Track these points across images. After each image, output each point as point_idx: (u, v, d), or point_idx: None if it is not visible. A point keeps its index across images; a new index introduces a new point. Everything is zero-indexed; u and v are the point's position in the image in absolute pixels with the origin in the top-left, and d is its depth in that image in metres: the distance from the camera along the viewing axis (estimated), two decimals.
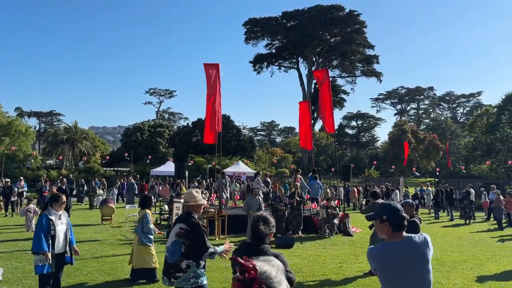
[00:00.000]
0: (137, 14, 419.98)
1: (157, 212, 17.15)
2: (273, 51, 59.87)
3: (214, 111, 13.83)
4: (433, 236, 14.51)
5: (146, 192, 23.57)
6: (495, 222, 17.77)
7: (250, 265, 1.50)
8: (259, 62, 59.93)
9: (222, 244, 4.81)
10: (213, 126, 14.17)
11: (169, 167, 30.01)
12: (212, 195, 20.87)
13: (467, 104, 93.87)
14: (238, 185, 25.01)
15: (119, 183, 28.07)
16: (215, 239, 12.47)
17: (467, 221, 18.61)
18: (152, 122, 56.50)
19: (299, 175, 16.63)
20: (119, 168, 45.58)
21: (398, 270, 2.99)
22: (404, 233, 3.09)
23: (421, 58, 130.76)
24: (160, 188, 25.40)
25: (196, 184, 19.73)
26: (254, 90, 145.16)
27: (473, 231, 16.27)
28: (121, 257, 9.93)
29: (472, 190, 20.74)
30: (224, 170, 26.22)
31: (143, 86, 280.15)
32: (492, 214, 18.92)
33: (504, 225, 17.06)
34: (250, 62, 60.27)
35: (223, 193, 18.33)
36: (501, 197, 17.92)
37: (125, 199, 24.63)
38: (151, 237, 7.87)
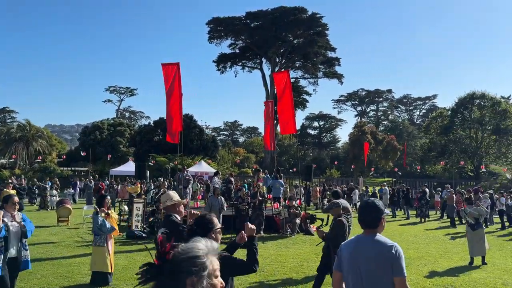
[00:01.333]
0: (98, 9, 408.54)
1: (117, 213, 16.73)
2: (237, 51, 59.88)
3: (175, 111, 13.67)
4: (391, 234, 14.97)
5: (102, 193, 23.03)
6: (448, 220, 18.59)
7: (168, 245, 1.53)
8: (222, 61, 59.77)
9: None
10: (176, 125, 14.02)
11: (129, 167, 29.41)
12: None
13: (423, 107, 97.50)
14: (199, 185, 24.84)
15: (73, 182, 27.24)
16: None
17: (423, 220, 19.33)
18: (112, 121, 55.12)
19: (262, 174, 16.69)
20: (77, 168, 44.20)
21: (349, 263, 3.15)
22: (371, 232, 3.16)
23: (381, 62, 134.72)
24: (119, 188, 24.81)
25: (153, 186, 19.39)
26: (217, 90, 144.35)
27: (428, 228, 16.92)
28: (78, 259, 9.63)
29: (427, 190, 21.66)
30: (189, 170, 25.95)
31: (102, 83, 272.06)
32: (445, 212, 19.81)
33: (456, 222, 17.85)
34: (213, 61, 60.06)
35: (185, 192, 18.13)
36: (454, 196, 18.79)
37: (84, 199, 23.92)
38: (106, 234, 7.36)
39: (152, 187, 18.95)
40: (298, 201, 16.60)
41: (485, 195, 18.54)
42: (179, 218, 4.62)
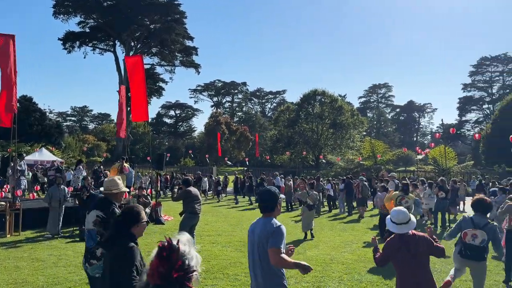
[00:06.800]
0: None
1: None
2: (87, 30, 55.43)
3: (8, 90, 12.02)
4: (238, 220, 15.68)
5: None
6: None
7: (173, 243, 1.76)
8: (70, 40, 54.66)
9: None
10: (8, 106, 12.33)
11: None
12: (5, 186, 18.15)
13: (274, 101, 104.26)
14: (30, 174, 22.54)
15: None
16: (7, 236, 10.92)
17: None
18: None
19: (126, 163, 15.71)
20: None
21: (249, 241, 3.66)
22: (267, 215, 3.59)
23: (237, 55, 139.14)
24: None
25: None
26: (64, 71, 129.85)
27: None
28: None
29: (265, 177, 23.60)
30: (26, 158, 23.21)
31: None
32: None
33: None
34: (59, 39, 54.55)
35: (20, 181, 16.20)
36: (291, 183, 20.76)
37: None
38: None
39: None
40: (149, 190, 16.20)
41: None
42: (117, 206, 4.56)
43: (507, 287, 7.16)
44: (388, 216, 4.34)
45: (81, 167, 17.90)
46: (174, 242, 1.75)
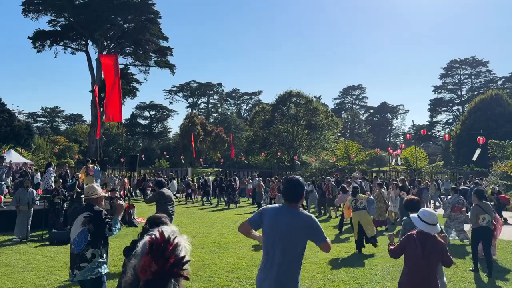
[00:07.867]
0: None
1: None
2: (58, 29, 54.06)
3: None
4: (212, 221, 15.63)
5: None
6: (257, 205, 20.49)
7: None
8: (40, 39, 53.14)
9: None
10: None
11: None
12: None
13: (249, 102, 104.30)
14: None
15: None
16: None
17: (234, 205, 21.01)
18: None
19: (90, 165, 15.42)
20: None
21: (269, 225, 3.54)
22: (293, 205, 3.57)
23: (212, 56, 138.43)
24: None
25: None
26: (34, 71, 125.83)
27: (241, 213, 18.15)
28: None
29: (237, 178, 23.75)
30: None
31: None
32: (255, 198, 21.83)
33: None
34: (29, 37, 53.02)
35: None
36: (262, 184, 20.84)
37: None
38: None
39: None
40: (122, 192, 15.96)
41: None
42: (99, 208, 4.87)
43: (475, 277, 7.40)
44: (415, 214, 4.46)
45: (51, 169, 17.50)
46: (165, 236, 1.73)
